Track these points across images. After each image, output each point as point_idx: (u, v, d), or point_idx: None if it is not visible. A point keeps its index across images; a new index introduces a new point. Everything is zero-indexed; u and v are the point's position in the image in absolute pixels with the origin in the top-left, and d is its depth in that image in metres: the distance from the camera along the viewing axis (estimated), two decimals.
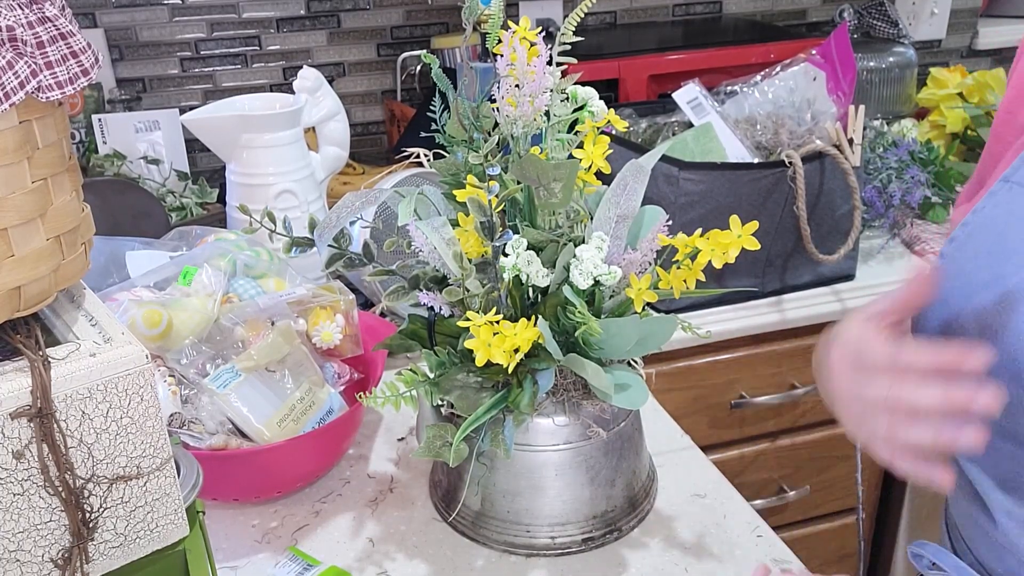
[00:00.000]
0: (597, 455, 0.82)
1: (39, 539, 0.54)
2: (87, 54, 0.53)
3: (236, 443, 0.86)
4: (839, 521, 1.49)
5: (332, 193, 1.47)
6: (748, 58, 1.61)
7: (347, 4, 1.74)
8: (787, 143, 1.28)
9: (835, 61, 1.34)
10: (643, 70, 1.60)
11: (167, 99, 1.71)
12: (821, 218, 1.26)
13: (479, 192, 0.75)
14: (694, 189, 1.19)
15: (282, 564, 0.83)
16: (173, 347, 0.88)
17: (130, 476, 0.56)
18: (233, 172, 1.24)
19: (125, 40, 1.65)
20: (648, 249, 0.77)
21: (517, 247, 0.75)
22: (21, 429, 0.51)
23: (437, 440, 0.78)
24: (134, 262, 1.00)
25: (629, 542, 0.85)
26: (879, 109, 1.75)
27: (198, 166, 1.70)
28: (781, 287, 1.30)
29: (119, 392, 0.54)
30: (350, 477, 0.96)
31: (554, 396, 0.81)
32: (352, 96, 1.80)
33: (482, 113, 0.79)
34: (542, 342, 0.75)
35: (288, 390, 0.89)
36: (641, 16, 1.93)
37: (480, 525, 0.85)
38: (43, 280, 0.55)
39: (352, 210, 0.84)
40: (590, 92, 0.80)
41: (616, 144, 1.24)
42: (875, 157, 1.45)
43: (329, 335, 0.95)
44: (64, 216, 0.56)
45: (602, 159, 0.78)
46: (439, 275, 0.82)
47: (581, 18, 0.77)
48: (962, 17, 2.10)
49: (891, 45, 1.79)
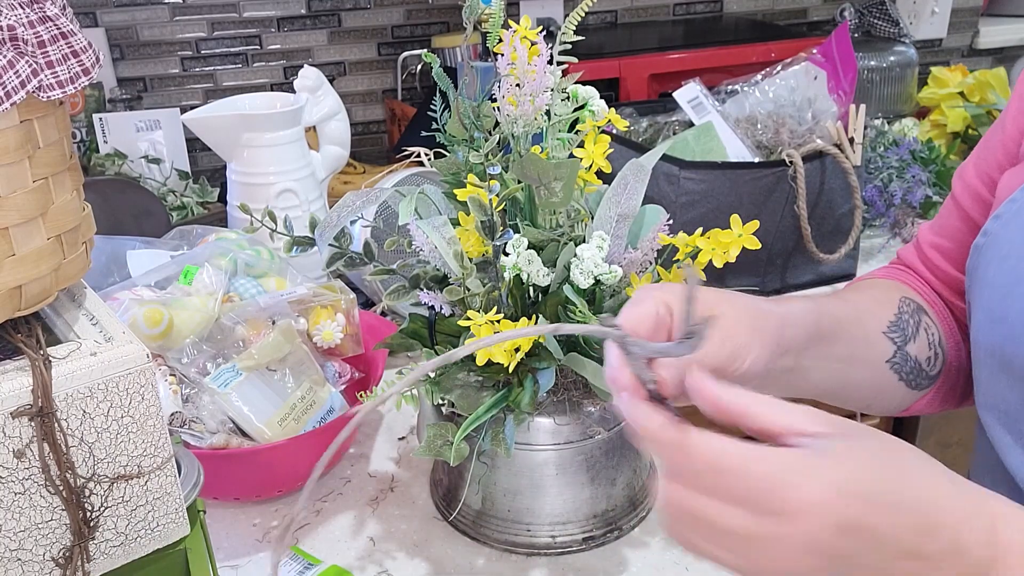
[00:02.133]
0: (598, 454, 0.82)
1: (40, 538, 0.54)
2: (88, 53, 0.54)
3: (237, 442, 0.86)
4: None
5: (333, 192, 1.47)
6: (749, 57, 1.61)
7: (348, 3, 1.74)
8: (788, 142, 1.28)
9: (836, 60, 1.34)
10: (644, 69, 1.60)
11: (168, 98, 1.71)
12: (822, 217, 1.26)
13: (480, 191, 0.75)
14: (695, 188, 1.19)
15: (283, 563, 0.83)
16: (174, 346, 0.88)
17: (131, 475, 0.56)
18: (234, 171, 1.24)
19: (126, 39, 1.65)
20: (649, 248, 0.77)
21: (518, 246, 0.75)
22: (22, 428, 0.51)
23: (438, 439, 0.78)
24: (135, 261, 1.00)
25: (630, 541, 0.85)
26: (880, 108, 1.75)
27: (199, 165, 1.70)
28: (782, 286, 1.30)
29: (120, 391, 0.54)
30: (351, 476, 0.96)
31: (555, 395, 0.81)
32: (353, 95, 1.80)
33: (483, 112, 0.79)
34: (543, 341, 0.75)
35: (289, 389, 0.89)
36: (642, 15, 1.93)
37: (481, 524, 0.85)
38: (44, 279, 0.55)
39: (353, 209, 0.84)
40: (591, 91, 0.80)
41: (617, 143, 1.24)
42: (876, 156, 1.45)
43: (330, 334, 0.95)
44: (65, 215, 0.56)
45: (603, 158, 0.78)
46: (440, 274, 0.82)
47: (582, 17, 0.77)
48: (963, 16, 2.10)
49: (892, 44, 1.79)
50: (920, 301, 0.78)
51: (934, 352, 0.76)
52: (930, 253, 0.81)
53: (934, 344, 0.76)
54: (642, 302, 0.54)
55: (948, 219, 0.79)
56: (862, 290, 0.79)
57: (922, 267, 0.82)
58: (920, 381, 0.76)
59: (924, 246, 0.81)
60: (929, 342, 0.76)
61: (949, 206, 0.79)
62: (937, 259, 0.80)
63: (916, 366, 0.75)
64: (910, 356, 0.74)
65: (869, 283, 0.82)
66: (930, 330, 0.76)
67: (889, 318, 0.74)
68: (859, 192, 1.25)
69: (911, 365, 0.74)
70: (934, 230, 0.81)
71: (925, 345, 0.75)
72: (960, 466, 1.61)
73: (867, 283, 0.82)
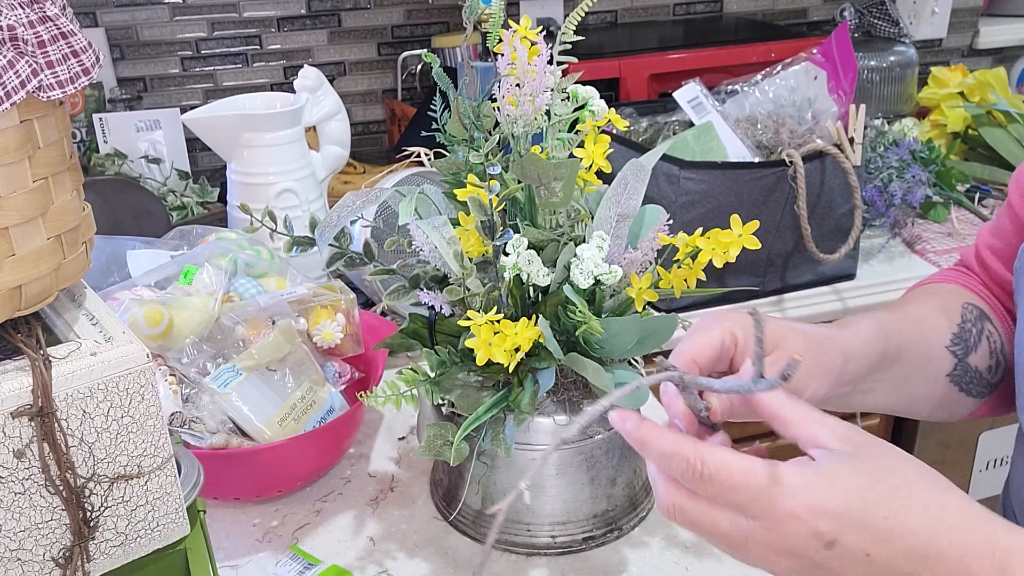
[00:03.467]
0: (598, 454, 0.82)
1: (40, 538, 0.54)
2: (88, 53, 0.53)
3: (237, 442, 0.86)
4: None
5: (333, 192, 1.47)
6: (749, 57, 1.61)
7: (348, 3, 1.74)
8: (788, 142, 1.28)
9: (836, 60, 1.34)
10: (644, 69, 1.60)
11: (168, 98, 1.71)
12: (822, 217, 1.26)
13: (480, 191, 0.75)
14: (695, 188, 1.19)
15: (283, 563, 0.83)
16: (174, 346, 0.88)
17: (131, 475, 0.56)
18: (234, 171, 1.24)
19: (126, 39, 1.65)
20: (649, 248, 0.77)
21: (518, 246, 0.75)
22: (22, 428, 0.51)
23: (438, 439, 0.78)
24: (135, 261, 1.00)
25: (630, 541, 0.85)
26: (880, 108, 1.75)
27: (199, 165, 1.70)
28: (782, 286, 1.30)
29: (120, 391, 0.54)
30: (351, 476, 0.96)
31: (555, 395, 0.81)
32: (353, 95, 1.80)
33: (483, 112, 0.79)
34: (543, 341, 0.75)
35: (289, 389, 0.89)
36: (642, 15, 1.93)
37: (481, 524, 0.85)
38: (44, 279, 0.55)
39: (353, 209, 0.84)
40: (591, 91, 0.80)
41: (617, 143, 1.24)
42: (876, 156, 1.45)
43: (330, 334, 0.95)
44: (65, 215, 0.56)
45: (603, 158, 0.78)
46: (440, 274, 0.82)
47: (582, 17, 0.77)
48: (963, 16, 2.10)
49: (892, 44, 1.79)
50: (983, 306, 0.77)
51: (995, 360, 0.75)
52: (985, 254, 0.80)
53: (996, 352, 0.75)
54: (708, 330, 0.57)
55: (1002, 219, 0.79)
56: (925, 299, 0.77)
57: (979, 268, 0.81)
58: (981, 389, 0.75)
59: (981, 247, 0.81)
60: (991, 350, 0.75)
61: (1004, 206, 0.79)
62: (991, 260, 0.80)
63: (976, 375, 0.74)
64: (970, 367, 0.73)
65: (933, 289, 0.80)
66: (992, 337, 0.75)
67: (952, 330, 0.73)
68: (859, 192, 1.25)
69: (971, 375, 0.74)
70: (990, 230, 0.81)
71: (987, 353, 0.74)
72: (960, 466, 1.62)
73: (931, 289, 0.80)
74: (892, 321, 0.70)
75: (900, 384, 0.69)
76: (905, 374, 0.69)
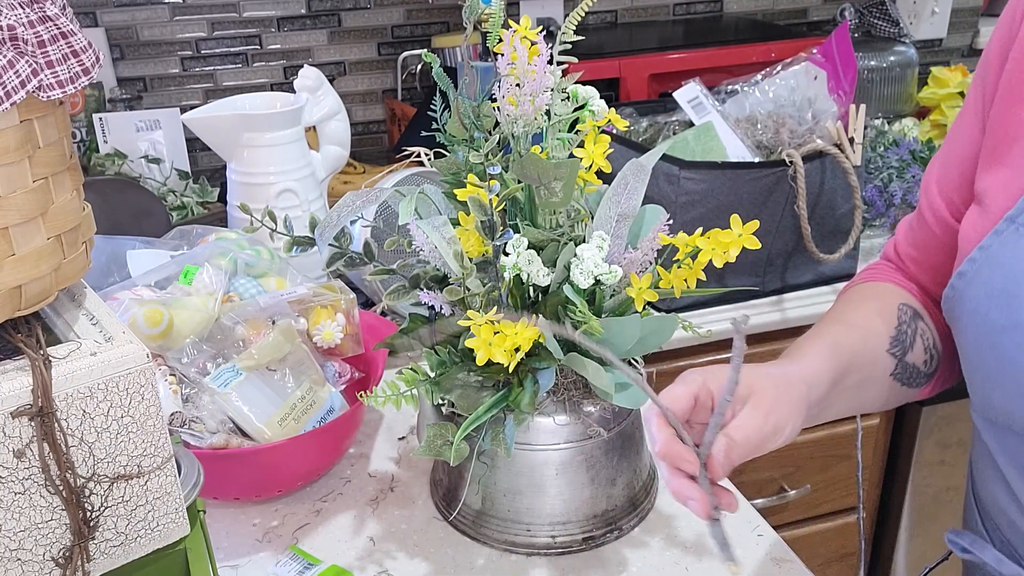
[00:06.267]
0: (598, 454, 0.82)
1: (40, 538, 0.54)
2: (88, 53, 0.53)
3: (237, 442, 0.86)
4: (840, 520, 1.49)
5: (333, 192, 1.47)
6: (749, 57, 1.61)
7: (348, 3, 1.74)
8: (788, 142, 1.28)
9: (836, 60, 1.34)
10: (644, 69, 1.60)
11: (168, 98, 1.71)
12: (822, 217, 1.26)
13: (480, 191, 0.75)
14: (695, 188, 1.19)
15: (283, 563, 0.83)
16: (174, 346, 0.88)
17: (131, 475, 0.56)
18: (234, 171, 1.24)
19: (126, 39, 1.66)
20: (649, 248, 0.77)
21: (518, 246, 0.75)
22: (22, 428, 0.51)
23: (438, 439, 0.78)
24: (135, 261, 1.00)
25: (630, 541, 0.85)
26: (880, 108, 1.75)
27: (199, 165, 1.70)
28: (782, 286, 1.30)
29: (120, 391, 0.54)
30: (351, 476, 0.96)
31: (555, 395, 0.81)
32: (353, 95, 1.80)
33: (483, 112, 0.79)
34: (542, 341, 0.75)
35: (289, 389, 0.89)
36: (642, 15, 1.93)
37: (481, 524, 0.85)
38: (44, 279, 0.55)
39: (353, 209, 0.84)
40: (591, 91, 0.80)
41: (617, 143, 1.24)
42: (876, 156, 1.45)
43: (330, 334, 0.95)
44: (65, 215, 0.56)
45: (603, 158, 0.78)
46: (440, 274, 0.82)
47: (582, 17, 0.77)
48: (963, 16, 2.10)
49: (892, 44, 1.79)
50: (916, 305, 0.81)
51: (929, 355, 0.80)
52: (907, 260, 0.84)
53: (929, 348, 0.79)
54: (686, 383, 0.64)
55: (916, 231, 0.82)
56: (863, 303, 0.81)
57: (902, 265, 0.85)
58: (920, 380, 0.80)
59: (903, 256, 0.84)
60: (925, 347, 0.79)
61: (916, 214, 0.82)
62: (912, 266, 0.83)
63: (915, 370, 0.79)
64: (909, 364, 0.78)
65: (868, 292, 0.83)
66: (925, 335, 0.79)
67: (890, 333, 0.77)
68: (859, 192, 1.25)
69: (911, 372, 0.79)
70: (908, 238, 0.83)
71: (921, 350, 0.79)
72: (960, 466, 1.62)
73: (866, 292, 0.83)
74: (838, 335, 0.75)
75: (854, 392, 0.75)
76: (856, 382, 0.74)
